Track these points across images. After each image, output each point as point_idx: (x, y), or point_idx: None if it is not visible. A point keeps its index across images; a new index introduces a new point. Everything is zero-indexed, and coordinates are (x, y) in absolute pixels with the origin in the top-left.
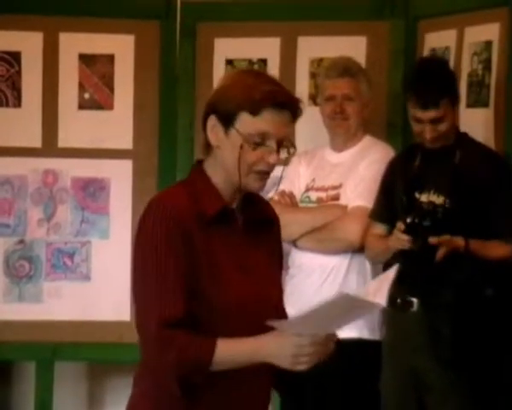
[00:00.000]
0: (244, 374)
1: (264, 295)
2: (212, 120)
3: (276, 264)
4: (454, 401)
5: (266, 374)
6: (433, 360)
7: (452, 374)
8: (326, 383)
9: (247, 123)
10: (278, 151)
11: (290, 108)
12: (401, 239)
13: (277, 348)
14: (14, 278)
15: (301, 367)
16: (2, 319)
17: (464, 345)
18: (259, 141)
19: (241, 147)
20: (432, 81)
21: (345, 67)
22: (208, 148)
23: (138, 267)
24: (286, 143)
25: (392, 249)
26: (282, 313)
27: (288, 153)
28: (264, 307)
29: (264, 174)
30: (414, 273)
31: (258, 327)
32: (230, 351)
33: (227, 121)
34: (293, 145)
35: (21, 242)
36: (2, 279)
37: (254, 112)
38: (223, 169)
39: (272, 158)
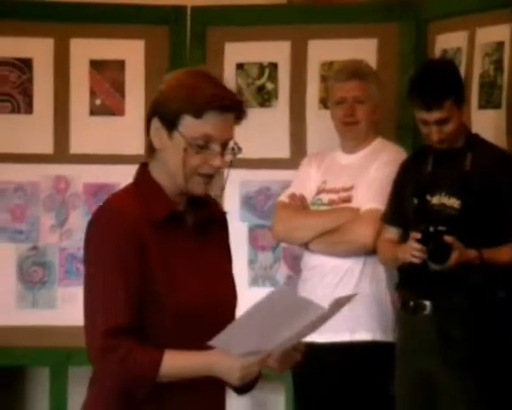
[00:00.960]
0: (200, 380)
1: (220, 295)
2: (156, 123)
3: (227, 260)
4: (466, 404)
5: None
6: (444, 362)
7: (464, 377)
8: (339, 385)
9: (190, 126)
10: (223, 154)
11: (234, 110)
12: (414, 249)
13: (225, 370)
14: (27, 284)
15: (246, 381)
16: (16, 324)
17: (476, 348)
18: (203, 144)
19: (185, 150)
20: (434, 82)
21: (354, 70)
22: (152, 150)
23: (86, 275)
24: (230, 145)
25: (402, 260)
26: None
27: (234, 155)
28: (221, 307)
29: (209, 177)
30: (426, 276)
31: (214, 327)
32: (177, 365)
33: (170, 124)
34: (239, 147)
35: (34, 248)
36: (15, 285)
37: (197, 115)
38: (167, 172)
39: (217, 161)
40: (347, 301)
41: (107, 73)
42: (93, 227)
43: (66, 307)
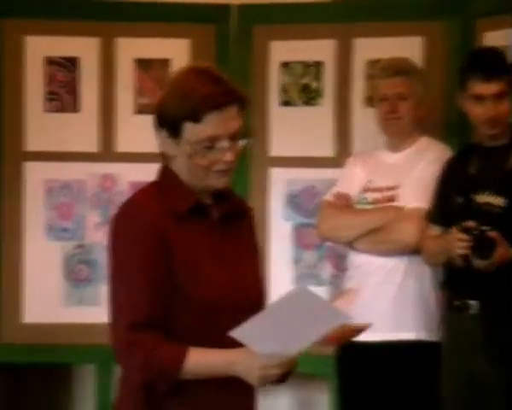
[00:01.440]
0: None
1: (245, 289)
2: (162, 133)
3: (254, 255)
4: None
5: None
6: (491, 362)
7: (511, 376)
8: (385, 385)
9: (192, 132)
10: (233, 146)
11: (233, 103)
12: (458, 239)
13: (245, 369)
14: (73, 282)
15: (266, 384)
16: (62, 322)
17: None
18: (210, 145)
19: (194, 154)
20: (495, 54)
21: (398, 67)
22: (167, 157)
23: (110, 271)
24: (240, 134)
25: (447, 253)
26: (264, 301)
27: (245, 143)
28: (245, 300)
29: (225, 171)
30: (471, 275)
31: (239, 320)
32: (200, 363)
33: (174, 133)
34: (249, 134)
35: (80, 246)
36: (62, 283)
37: (196, 119)
38: (183, 174)
39: (227, 156)
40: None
41: (153, 72)
42: (116, 223)
43: None
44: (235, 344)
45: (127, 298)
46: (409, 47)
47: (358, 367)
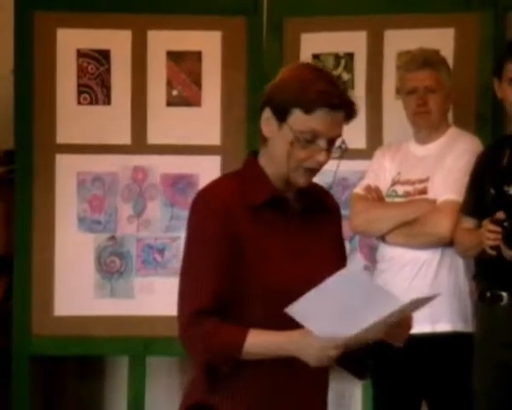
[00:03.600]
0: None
1: (314, 282)
2: (267, 113)
3: (335, 251)
4: None
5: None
6: None
7: None
8: (421, 377)
9: (299, 120)
10: (329, 150)
11: (344, 109)
12: (489, 230)
13: (304, 348)
14: (105, 274)
15: (323, 364)
16: (94, 314)
17: None
18: (310, 139)
19: (292, 143)
20: None
21: (424, 59)
22: (264, 138)
23: (183, 257)
24: (337, 142)
25: (481, 244)
26: None
27: (341, 152)
28: None
29: (312, 171)
30: (503, 266)
31: None
32: (260, 343)
33: (281, 115)
34: (345, 145)
35: (112, 238)
36: (94, 275)
37: (308, 110)
38: (273, 160)
39: (322, 157)
40: (427, 301)
41: (184, 64)
42: (191, 210)
43: (144, 297)
44: None
45: (193, 284)
46: (440, 39)
47: (394, 360)
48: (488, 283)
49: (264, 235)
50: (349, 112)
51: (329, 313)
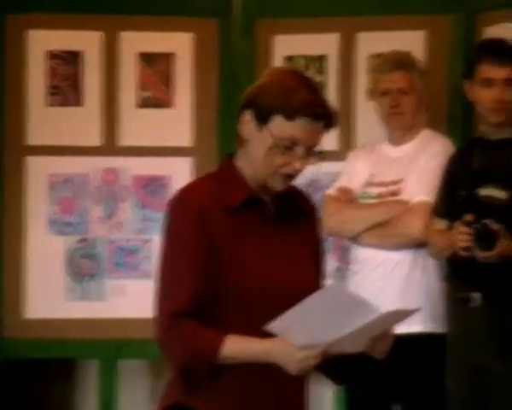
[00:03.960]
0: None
1: (291, 283)
2: (248, 115)
3: (311, 253)
4: None
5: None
6: (495, 354)
7: None
8: (393, 378)
9: (280, 126)
10: (306, 158)
11: (325, 119)
12: (460, 232)
13: (285, 359)
14: (76, 277)
15: (303, 373)
16: (65, 317)
17: None
18: (289, 145)
19: (271, 148)
20: (505, 43)
21: (398, 61)
22: (242, 140)
23: (160, 259)
24: (315, 150)
25: (452, 247)
26: None
27: (318, 160)
28: (291, 292)
29: (289, 177)
30: (474, 268)
31: (283, 310)
32: (238, 349)
33: (261, 119)
34: (323, 154)
35: (83, 240)
36: (64, 278)
37: (289, 117)
38: (250, 163)
39: (299, 164)
40: (408, 314)
41: (156, 66)
42: (167, 212)
43: (116, 300)
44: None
45: (170, 286)
46: (412, 41)
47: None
48: (460, 284)
49: (240, 236)
50: (329, 122)
51: (309, 326)
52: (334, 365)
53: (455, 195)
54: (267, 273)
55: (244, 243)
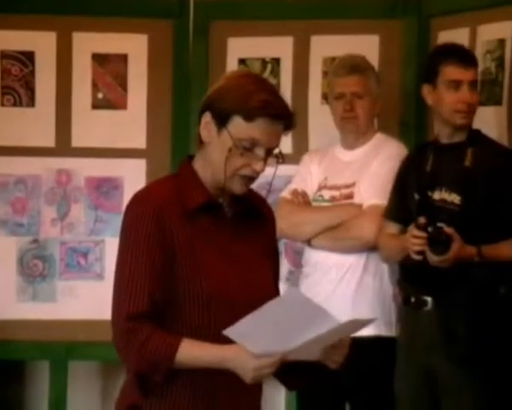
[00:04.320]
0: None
1: (251, 285)
2: (207, 117)
3: (268, 257)
4: (469, 400)
5: None
6: (446, 358)
7: (467, 373)
8: (343, 381)
9: (239, 127)
10: (266, 160)
11: (284, 119)
12: (414, 236)
13: (239, 367)
14: (27, 277)
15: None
16: (15, 318)
17: (478, 344)
18: (249, 147)
19: (230, 150)
20: (464, 47)
21: (353, 65)
22: (200, 142)
23: (117, 261)
24: (274, 152)
25: (405, 251)
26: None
27: (277, 163)
28: (249, 296)
29: (249, 179)
30: (427, 272)
31: (241, 316)
32: (194, 354)
33: (220, 121)
34: (282, 156)
35: (35, 241)
36: (15, 278)
37: (248, 118)
38: (210, 166)
39: (259, 166)
40: (365, 324)
41: (110, 67)
42: (124, 214)
43: (67, 301)
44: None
45: (127, 289)
46: (365, 45)
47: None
48: (413, 287)
49: (197, 239)
50: (288, 123)
51: (267, 333)
52: (287, 371)
53: (407, 198)
54: (225, 276)
55: (201, 246)
